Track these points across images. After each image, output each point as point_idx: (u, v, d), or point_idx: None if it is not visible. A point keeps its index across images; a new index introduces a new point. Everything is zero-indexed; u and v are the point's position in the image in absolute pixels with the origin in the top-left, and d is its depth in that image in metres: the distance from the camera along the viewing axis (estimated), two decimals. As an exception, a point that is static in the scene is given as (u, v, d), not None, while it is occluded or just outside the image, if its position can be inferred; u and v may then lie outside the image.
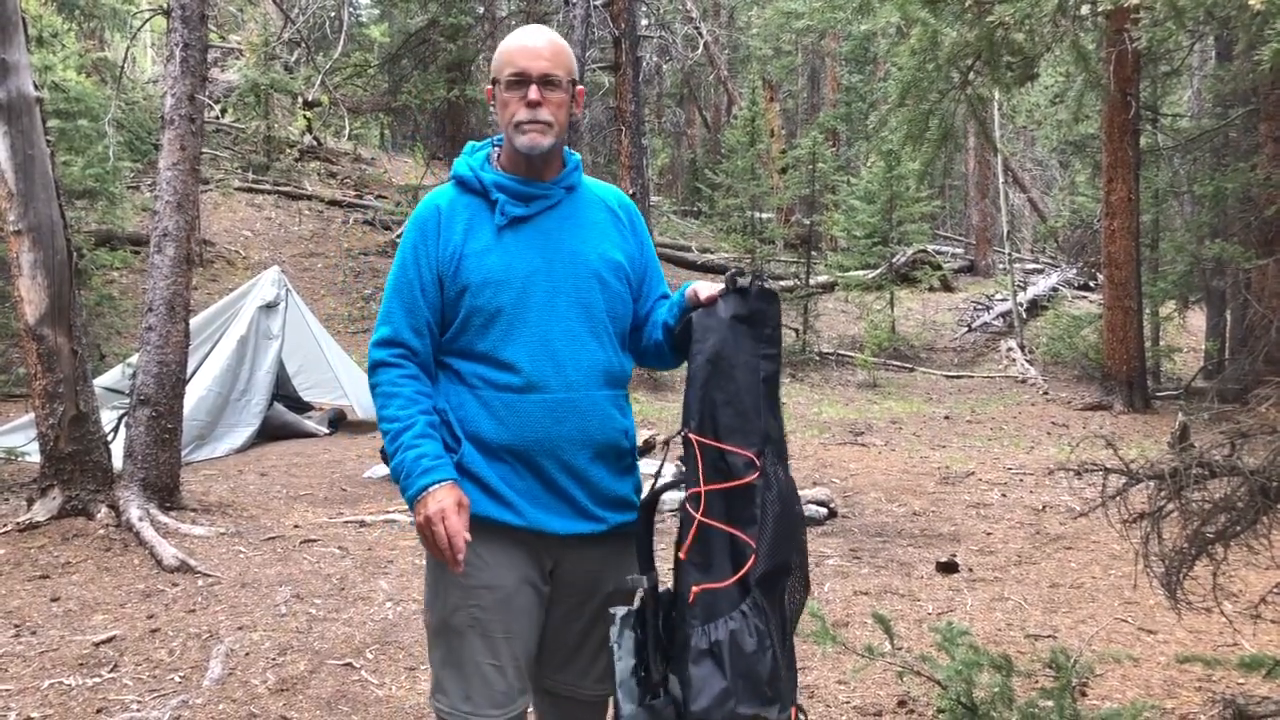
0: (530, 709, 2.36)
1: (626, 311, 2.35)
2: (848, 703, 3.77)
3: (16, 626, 4.63)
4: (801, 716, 2.13)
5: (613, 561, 2.28)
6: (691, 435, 2.10)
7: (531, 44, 2.22)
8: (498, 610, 2.21)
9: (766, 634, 1.99)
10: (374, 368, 2.26)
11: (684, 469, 2.13)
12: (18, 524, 6.08)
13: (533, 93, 2.19)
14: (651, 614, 2.11)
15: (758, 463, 2.07)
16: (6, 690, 3.92)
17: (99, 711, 3.74)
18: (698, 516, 2.05)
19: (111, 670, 4.13)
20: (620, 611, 2.11)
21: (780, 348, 2.21)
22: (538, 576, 2.26)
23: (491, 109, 2.32)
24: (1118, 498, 2.96)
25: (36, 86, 6.23)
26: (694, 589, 2.01)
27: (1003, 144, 20.59)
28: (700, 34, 24.01)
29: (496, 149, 2.34)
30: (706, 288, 2.20)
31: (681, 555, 2.06)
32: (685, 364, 2.20)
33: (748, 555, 2.02)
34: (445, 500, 2.11)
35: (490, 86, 2.29)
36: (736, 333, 2.14)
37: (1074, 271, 20.60)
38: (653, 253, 2.47)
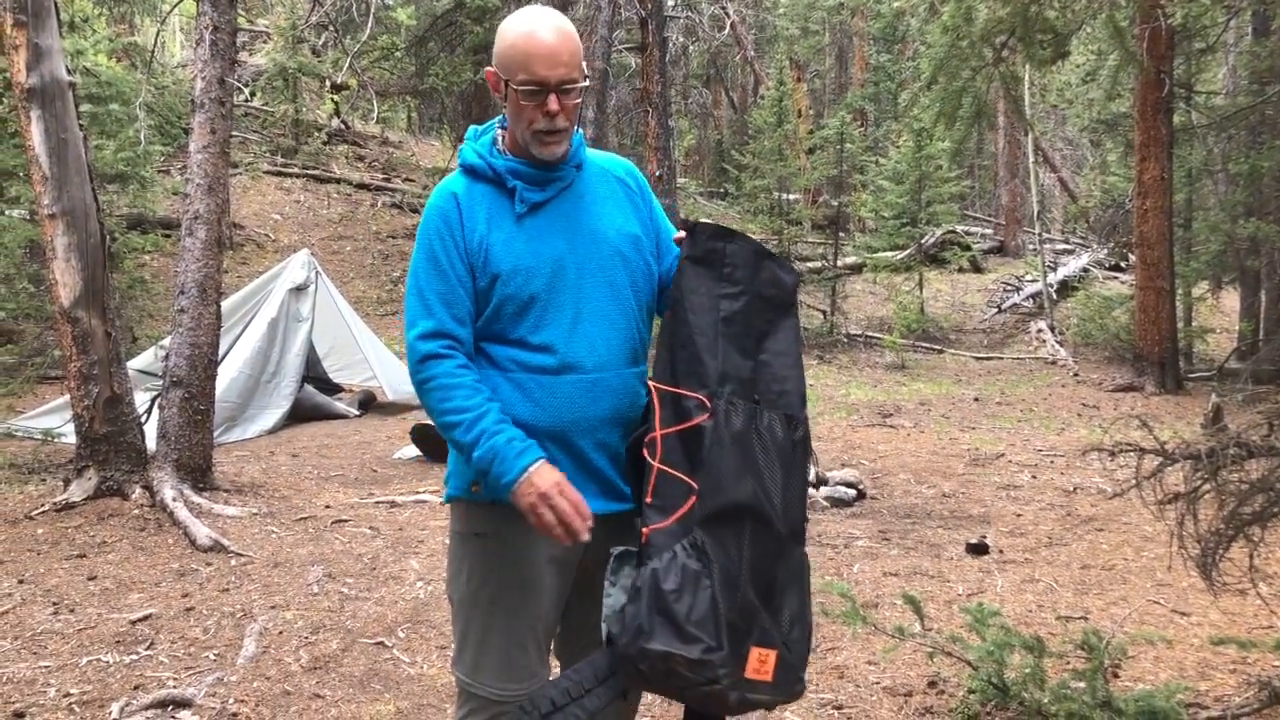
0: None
1: (650, 282, 2.34)
2: (878, 683, 3.77)
3: (55, 604, 4.70)
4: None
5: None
6: (651, 382, 2.14)
7: (546, 44, 2.12)
8: (519, 589, 2.22)
9: (702, 574, 1.99)
10: (425, 360, 2.17)
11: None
12: (55, 504, 6.17)
13: (552, 103, 2.13)
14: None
15: (708, 404, 2.08)
16: (46, 666, 3.98)
17: (136, 688, 3.79)
18: (654, 463, 2.08)
19: (148, 648, 4.19)
20: (617, 550, 2.12)
21: (751, 286, 2.19)
22: (565, 554, 2.26)
23: (499, 100, 2.24)
24: (1152, 479, 2.93)
25: (69, 71, 6.28)
26: (645, 530, 2.05)
27: (1033, 123, 20.35)
28: (727, 14, 23.86)
29: (501, 131, 2.30)
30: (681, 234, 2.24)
31: (646, 500, 2.08)
32: None
33: (690, 496, 2.04)
34: (554, 473, 2.10)
35: (492, 70, 2.21)
36: (691, 274, 2.18)
37: (1105, 252, 20.38)
38: (662, 213, 2.46)
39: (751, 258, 2.20)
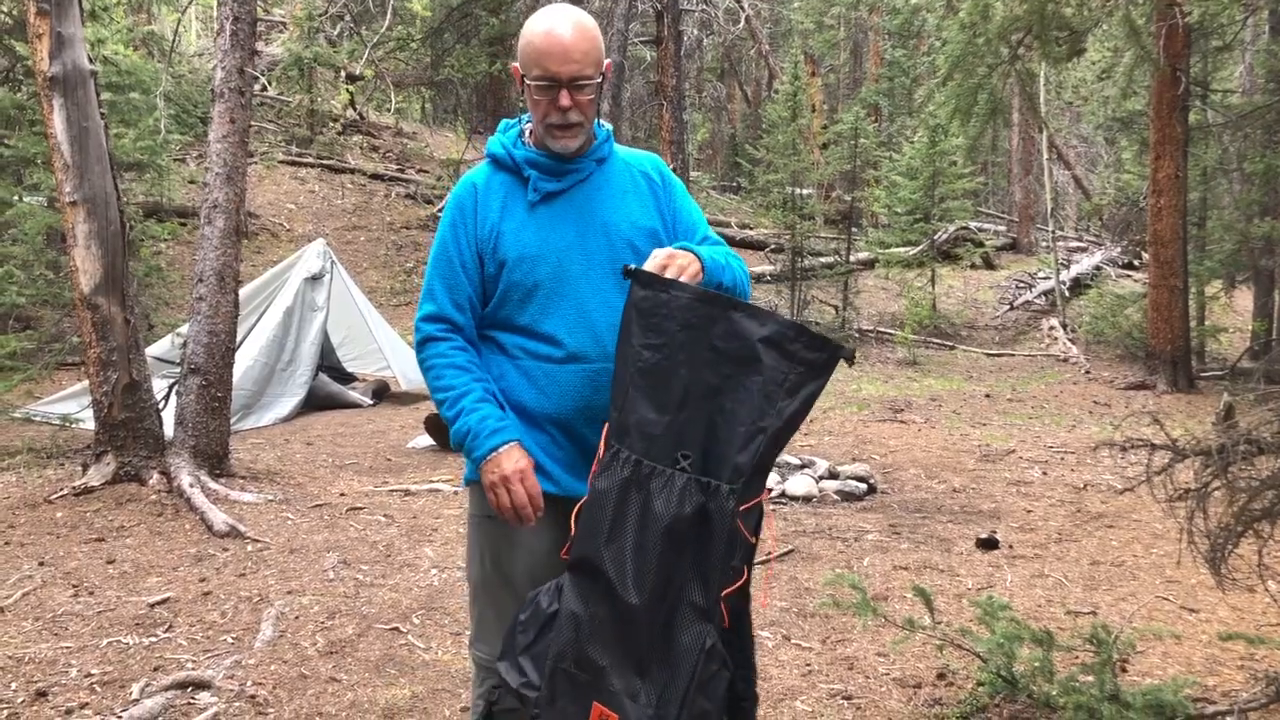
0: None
1: None
2: (887, 675, 3.81)
3: (75, 587, 4.76)
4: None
5: None
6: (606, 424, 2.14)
7: (560, 42, 2.17)
8: (533, 571, 2.28)
9: (552, 617, 2.02)
10: (422, 343, 2.31)
11: None
12: (74, 488, 6.24)
13: (563, 99, 2.20)
14: None
15: (601, 454, 2.06)
16: (67, 647, 4.04)
17: (156, 669, 3.85)
18: (582, 499, 2.10)
19: (166, 630, 4.25)
20: None
21: (683, 338, 2.02)
22: None
23: (521, 96, 2.32)
24: (1163, 475, 2.96)
25: (90, 60, 6.33)
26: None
27: (1048, 120, 20.29)
28: (742, 8, 23.82)
29: (528, 125, 2.37)
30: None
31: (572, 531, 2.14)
32: None
33: (568, 541, 2.09)
34: (521, 461, 2.18)
35: (515, 65, 2.28)
36: (625, 320, 2.09)
37: (1118, 250, 20.31)
38: (690, 205, 2.45)
39: (691, 309, 2.02)
